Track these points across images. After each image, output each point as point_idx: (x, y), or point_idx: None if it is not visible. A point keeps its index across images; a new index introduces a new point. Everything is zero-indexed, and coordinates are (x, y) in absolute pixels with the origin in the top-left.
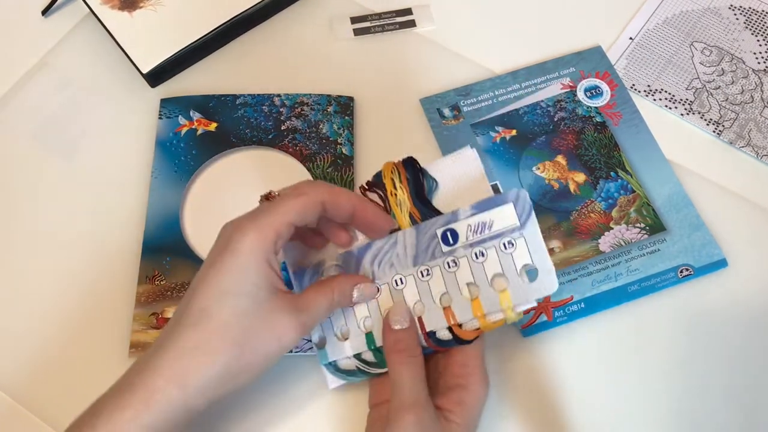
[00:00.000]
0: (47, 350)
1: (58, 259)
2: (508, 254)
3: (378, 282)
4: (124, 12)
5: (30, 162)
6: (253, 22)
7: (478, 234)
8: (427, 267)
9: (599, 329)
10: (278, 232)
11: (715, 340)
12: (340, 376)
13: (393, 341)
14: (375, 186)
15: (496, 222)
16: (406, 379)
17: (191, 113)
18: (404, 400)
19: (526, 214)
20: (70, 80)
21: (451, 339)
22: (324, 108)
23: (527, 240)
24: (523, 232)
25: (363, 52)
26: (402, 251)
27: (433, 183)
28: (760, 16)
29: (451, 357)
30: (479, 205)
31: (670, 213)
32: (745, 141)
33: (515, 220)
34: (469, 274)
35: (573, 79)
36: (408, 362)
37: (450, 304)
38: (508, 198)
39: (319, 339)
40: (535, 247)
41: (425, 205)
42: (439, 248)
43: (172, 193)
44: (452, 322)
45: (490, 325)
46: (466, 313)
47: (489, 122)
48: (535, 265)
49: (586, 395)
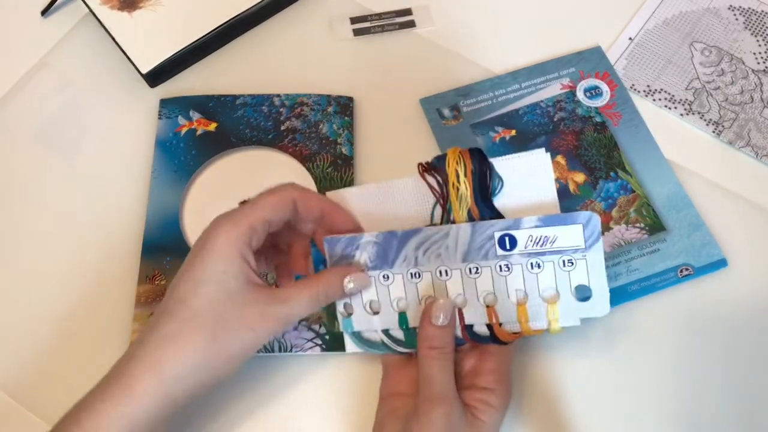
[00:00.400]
0: (48, 350)
1: (58, 258)
2: (566, 272)
3: (420, 268)
4: (124, 12)
5: (30, 162)
6: (253, 22)
7: (539, 246)
8: (477, 265)
9: (599, 329)
10: (252, 226)
11: (714, 339)
12: (362, 346)
13: (430, 336)
14: (435, 170)
15: (560, 239)
16: (437, 373)
17: (191, 113)
18: (434, 393)
19: (594, 238)
20: (70, 80)
21: (488, 336)
22: (324, 108)
23: (588, 263)
24: (586, 255)
25: (363, 53)
26: (453, 245)
27: (499, 182)
28: (760, 17)
29: (483, 363)
30: (547, 219)
31: (670, 213)
32: (744, 141)
33: (581, 241)
34: (521, 281)
35: (573, 80)
36: (440, 357)
37: (494, 304)
38: (579, 219)
39: (345, 307)
40: (595, 272)
41: (487, 206)
42: (494, 250)
43: (172, 193)
44: (494, 321)
45: (531, 331)
46: (509, 316)
47: (489, 122)
48: (590, 287)
49: (586, 395)
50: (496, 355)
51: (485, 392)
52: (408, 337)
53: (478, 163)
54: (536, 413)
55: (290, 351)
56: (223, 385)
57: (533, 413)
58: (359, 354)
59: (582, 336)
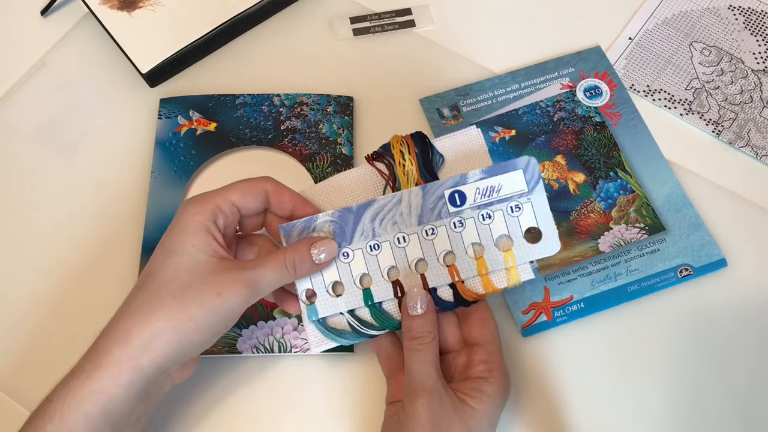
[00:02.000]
0: (47, 349)
1: (57, 258)
2: (515, 217)
3: (378, 239)
4: (123, 12)
5: (29, 162)
6: (252, 22)
7: (486, 197)
8: (432, 226)
9: (599, 329)
10: (218, 204)
11: (714, 339)
12: (330, 336)
13: (409, 327)
14: (381, 156)
15: (505, 186)
16: (415, 364)
17: (191, 113)
18: (415, 384)
19: (535, 180)
20: (70, 80)
21: (452, 301)
22: (323, 108)
23: (534, 204)
24: (530, 197)
25: (362, 52)
26: (406, 210)
27: (440, 158)
28: (760, 16)
29: (473, 356)
30: (490, 170)
31: (670, 213)
32: (744, 141)
33: (524, 185)
34: (475, 234)
35: (572, 79)
36: (419, 349)
37: (454, 262)
38: (518, 165)
39: (307, 293)
40: (541, 212)
41: (432, 177)
42: (446, 209)
43: (171, 193)
44: (456, 279)
45: (494, 287)
46: (470, 271)
47: (488, 122)
48: (539, 228)
49: (586, 395)
50: (484, 345)
51: (477, 381)
52: (376, 316)
53: (419, 144)
54: (536, 413)
55: (290, 351)
56: (222, 383)
57: (533, 413)
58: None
59: (582, 336)
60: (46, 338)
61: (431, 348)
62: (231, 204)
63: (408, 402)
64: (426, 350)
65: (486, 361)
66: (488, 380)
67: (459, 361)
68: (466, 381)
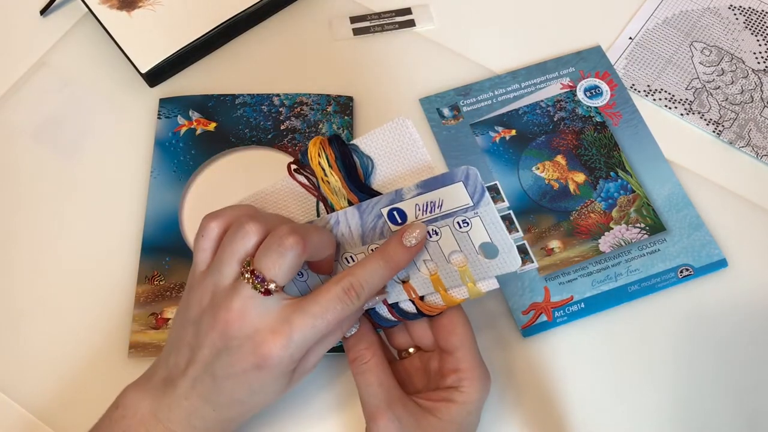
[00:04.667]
0: (46, 349)
1: (57, 258)
2: (464, 233)
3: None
4: (123, 11)
5: (29, 162)
6: (252, 22)
7: (429, 213)
8: (377, 245)
9: (599, 329)
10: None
11: (715, 340)
12: None
13: (346, 351)
14: (304, 167)
15: (446, 201)
16: (363, 387)
17: (190, 113)
18: (370, 408)
19: (479, 192)
20: (69, 80)
21: (415, 312)
22: (323, 108)
23: (483, 219)
24: (477, 211)
25: (362, 52)
26: (347, 230)
27: (368, 161)
28: (760, 16)
29: (444, 364)
30: (425, 184)
31: (670, 213)
32: (744, 141)
33: (467, 199)
34: (425, 252)
35: (573, 79)
36: (361, 371)
37: (409, 280)
38: (456, 177)
39: None
40: (492, 226)
41: (363, 191)
42: (387, 227)
43: (171, 193)
44: (413, 295)
45: (454, 300)
46: (426, 288)
47: (488, 122)
48: (494, 243)
49: (586, 395)
50: (453, 353)
51: (447, 390)
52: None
53: (338, 151)
54: (536, 413)
55: None
56: None
57: (533, 413)
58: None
59: (582, 336)
60: (45, 338)
61: (372, 366)
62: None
63: (369, 428)
64: (367, 371)
65: (455, 369)
66: (459, 389)
67: (431, 366)
68: (436, 391)
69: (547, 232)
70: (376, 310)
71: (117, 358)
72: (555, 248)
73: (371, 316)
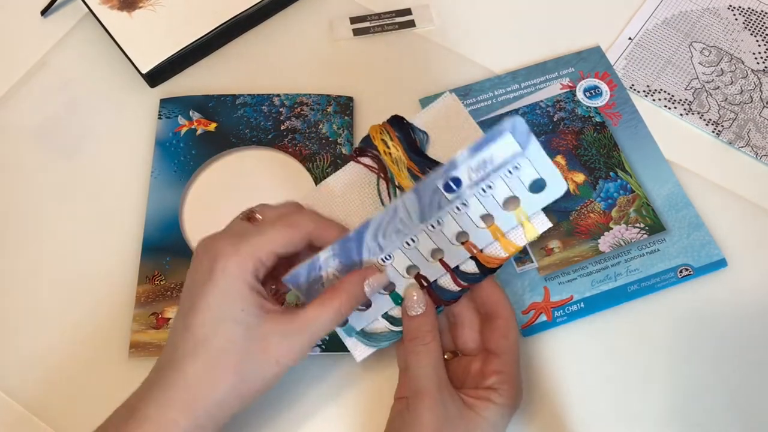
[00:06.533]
0: (46, 349)
1: (57, 258)
2: (515, 177)
3: (387, 251)
4: (123, 12)
5: (29, 162)
6: (252, 22)
7: (481, 172)
8: (436, 218)
9: (599, 329)
10: (261, 260)
11: (714, 340)
12: (370, 343)
13: (406, 329)
14: (365, 150)
15: (497, 155)
16: (416, 368)
17: (191, 113)
18: (418, 387)
19: (525, 137)
20: (70, 80)
21: (477, 273)
22: (323, 108)
23: (531, 159)
24: (526, 153)
25: (362, 52)
26: (405, 216)
27: (424, 136)
28: (760, 17)
29: (487, 366)
30: (476, 146)
31: (670, 213)
32: (744, 141)
33: (516, 147)
34: (481, 207)
35: (572, 79)
36: (419, 351)
37: (468, 239)
38: (504, 129)
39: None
40: (539, 162)
41: (422, 157)
42: (444, 198)
43: (171, 193)
44: (474, 251)
45: (512, 246)
46: (485, 240)
47: (488, 122)
48: (541, 176)
49: (586, 395)
50: (501, 356)
51: (488, 390)
52: None
53: (399, 127)
54: (536, 413)
55: None
56: None
57: (533, 413)
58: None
59: (582, 336)
60: (46, 337)
61: (431, 349)
62: (272, 254)
63: (412, 403)
64: (426, 352)
65: (499, 372)
66: (498, 391)
67: (474, 367)
68: (477, 389)
69: (546, 232)
70: (439, 282)
71: (117, 358)
72: (555, 248)
73: (435, 290)
